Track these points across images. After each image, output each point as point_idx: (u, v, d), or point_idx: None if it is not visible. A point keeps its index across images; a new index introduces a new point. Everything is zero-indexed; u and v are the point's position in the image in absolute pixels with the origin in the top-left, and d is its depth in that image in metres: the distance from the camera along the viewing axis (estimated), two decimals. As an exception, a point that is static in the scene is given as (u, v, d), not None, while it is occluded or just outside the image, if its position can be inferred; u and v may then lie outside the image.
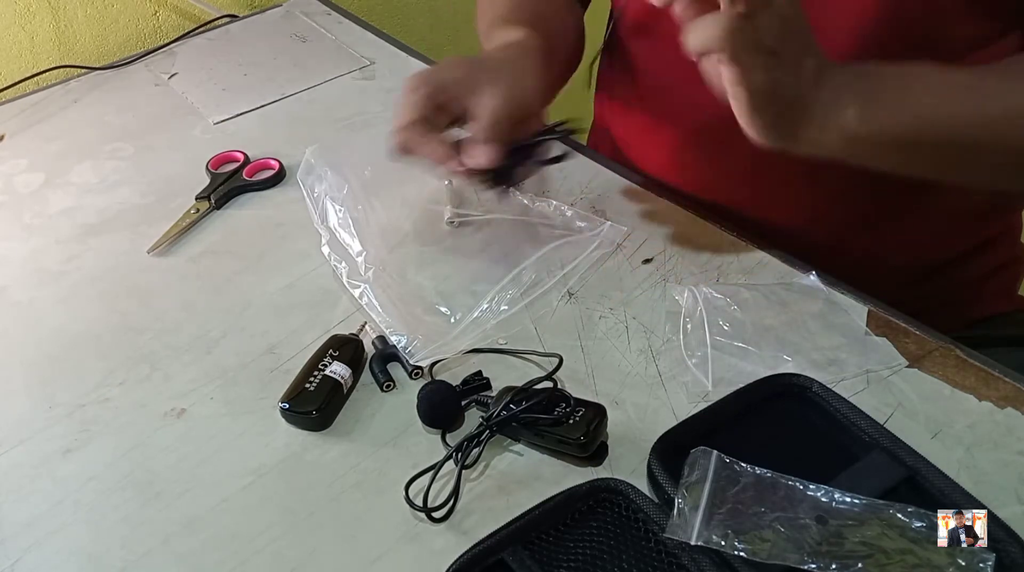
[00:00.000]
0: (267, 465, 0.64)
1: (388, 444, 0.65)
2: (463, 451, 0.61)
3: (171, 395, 0.70)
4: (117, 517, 0.62)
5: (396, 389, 0.68)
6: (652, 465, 0.59)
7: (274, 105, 1.03)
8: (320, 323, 0.74)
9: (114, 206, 0.90)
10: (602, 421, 0.62)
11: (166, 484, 0.64)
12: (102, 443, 0.67)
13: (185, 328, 0.76)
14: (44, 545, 0.60)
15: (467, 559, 0.55)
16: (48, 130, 1.02)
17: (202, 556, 0.59)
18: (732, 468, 0.58)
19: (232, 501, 0.62)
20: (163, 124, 1.02)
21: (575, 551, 0.56)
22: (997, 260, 0.89)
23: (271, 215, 0.87)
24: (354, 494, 0.62)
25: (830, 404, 0.63)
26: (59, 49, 1.16)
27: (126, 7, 1.19)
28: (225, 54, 1.14)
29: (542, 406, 0.62)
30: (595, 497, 0.58)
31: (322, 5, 1.23)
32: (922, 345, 0.68)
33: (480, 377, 0.67)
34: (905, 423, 0.63)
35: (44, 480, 0.65)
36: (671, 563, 0.55)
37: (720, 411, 0.63)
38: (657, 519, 0.56)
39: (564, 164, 0.78)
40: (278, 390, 0.68)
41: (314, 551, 0.59)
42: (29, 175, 0.95)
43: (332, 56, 1.11)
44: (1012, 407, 0.64)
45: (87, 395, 0.70)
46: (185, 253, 0.84)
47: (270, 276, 0.80)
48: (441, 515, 0.59)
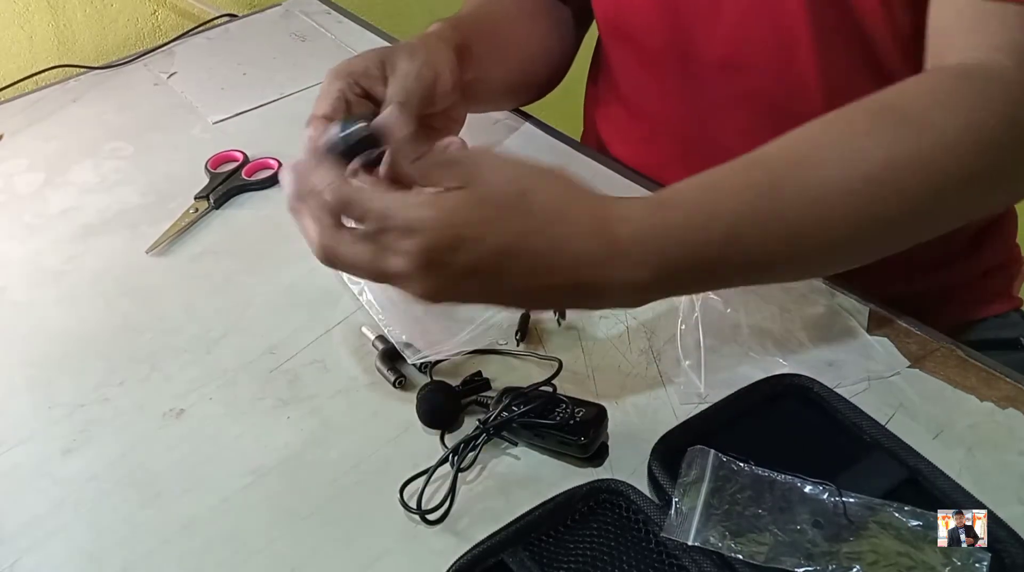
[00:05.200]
0: (267, 465, 0.64)
1: (388, 444, 0.65)
2: (459, 454, 0.61)
3: (171, 395, 0.70)
4: (117, 517, 0.62)
5: (408, 384, 0.68)
6: (653, 466, 0.59)
7: (273, 104, 1.03)
8: (320, 323, 0.74)
9: (113, 206, 0.90)
10: (602, 422, 0.62)
11: (166, 484, 0.64)
12: (102, 443, 0.67)
13: (184, 328, 0.75)
14: (44, 545, 0.60)
15: (467, 560, 0.55)
16: (47, 130, 1.02)
17: (202, 556, 0.59)
18: (730, 467, 0.58)
19: (232, 501, 0.62)
20: (162, 123, 1.01)
21: (575, 552, 0.56)
22: (995, 260, 0.89)
23: (270, 215, 0.87)
24: (354, 494, 0.62)
25: (831, 405, 0.63)
26: (58, 48, 1.15)
27: (125, 6, 1.18)
28: (224, 53, 1.14)
29: (540, 411, 0.62)
30: (595, 498, 0.58)
31: (322, 4, 1.23)
32: (923, 345, 0.68)
33: (480, 378, 0.67)
34: (906, 423, 0.63)
35: (44, 480, 0.65)
36: (672, 564, 0.55)
37: (721, 412, 0.63)
38: (658, 520, 0.56)
39: (564, 164, 0.78)
40: (278, 390, 0.68)
41: (314, 551, 0.59)
42: (28, 175, 0.95)
43: (332, 55, 1.11)
44: (1014, 407, 0.63)
45: (87, 395, 0.70)
46: (184, 253, 0.84)
47: (269, 276, 0.80)
48: (436, 517, 0.59)
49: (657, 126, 0.87)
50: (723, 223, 0.53)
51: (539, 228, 0.50)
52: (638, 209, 0.53)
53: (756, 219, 0.53)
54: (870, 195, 0.55)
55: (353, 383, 0.70)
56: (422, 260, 0.50)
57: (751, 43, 0.75)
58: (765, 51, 0.74)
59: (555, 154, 0.91)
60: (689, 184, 0.55)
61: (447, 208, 0.49)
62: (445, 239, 0.49)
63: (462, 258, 0.49)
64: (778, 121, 0.77)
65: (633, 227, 0.52)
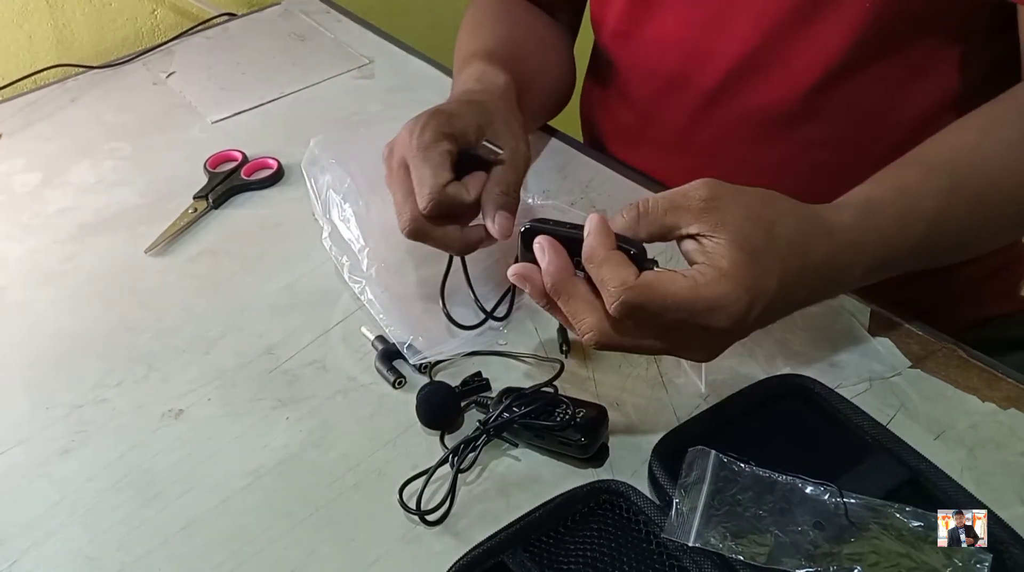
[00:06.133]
0: (266, 466, 0.64)
1: (387, 445, 0.65)
2: (459, 454, 0.61)
3: (169, 396, 0.70)
4: (115, 518, 0.62)
5: (407, 385, 0.68)
6: (653, 466, 0.59)
7: (272, 104, 1.03)
8: (319, 323, 0.74)
9: (112, 205, 0.89)
10: (603, 422, 0.62)
11: (164, 485, 0.63)
12: (100, 444, 0.66)
13: (183, 328, 0.75)
14: (42, 546, 0.60)
15: (467, 561, 0.55)
16: (46, 129, 1.01)
17: (201, 557, 0.59)
18: (730, 468, 0.57)
19: (231, 502, 0.62)
20: (161, 123, 1.01)
21: (576, 553, 0.56)
22: (998, 260, 0.88)
23: (269, 214, 0.87)
24: (353, 495, 0.62)
25: (832, 405, 0.62)
26: (57, 48, 1.15)
27: (124, 6, 1.18)
28: (223, 53, 1.14)
29: (540, 411, 0.61)
30: (596, 499, 0.58)
31: (321, 3, 1.23)
32: (925, 345, 0.68)
33: (480, 378, 0.67)
34: (907, 424, 0.63)
35: (42, 481, 0.64)
36: (672, 565, 0.54)
37: (722, 412, 0.63)
38: (658, 521, 0.56)
39: (564, 164, 0.78)
40: (277, 391, 0.68)
41: (313, 552, 0.59)
42: (27, 175, 0.94)
43: (331, 55, 1.11)
44: (1015, 408, 0.63)
45: (85, 395, 0.70)
46: (183, 253, 0.83)
47: (268, 276, 0.80)
48: (435, 518, 0.59)
49: (657, 127, 0.87)
50: (920, 224, 0.60)
51: (798, 254, 0.55)
52: (850, 216, 0.58)
53: (942, 219, 0.61)
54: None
55: (352, 383, 0.69)
56: (734, 328, 0.53)
57: (767, 46, 0.75)
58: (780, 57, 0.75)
59: (555, 154, 0.90)
60: (882, 189, 0.61)
61: (731, 276, 0.52)
62: (743, 304, 0.52)
63: (756, 312, 0.53)
64: (782, 126, 0.78)
65: (854, 234, 0.58)
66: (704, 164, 0.84)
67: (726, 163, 0.83)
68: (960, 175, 0.62)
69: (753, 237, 0.53)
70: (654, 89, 0.86)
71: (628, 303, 0.51)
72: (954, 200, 0.62)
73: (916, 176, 0.62)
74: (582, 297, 0.54)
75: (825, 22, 0.72)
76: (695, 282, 0.52)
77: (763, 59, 0.76)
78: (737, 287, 0.52)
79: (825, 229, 0.57)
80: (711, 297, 0.51)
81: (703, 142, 0.83)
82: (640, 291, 0.51)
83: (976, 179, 0.63)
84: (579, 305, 0.54)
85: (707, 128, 0.82)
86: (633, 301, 0.51)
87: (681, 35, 0.80)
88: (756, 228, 0.53)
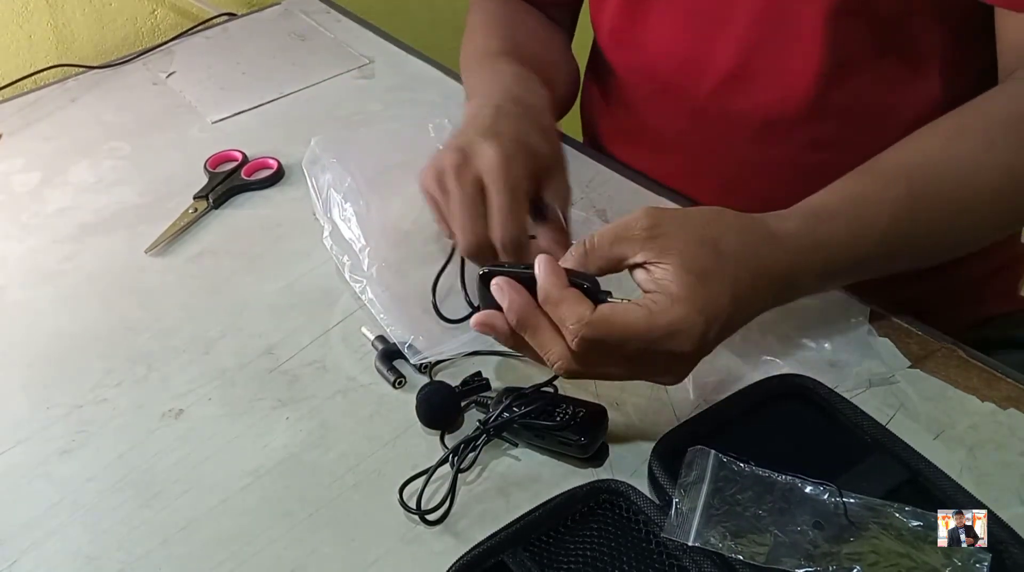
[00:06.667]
0: (265, 466, 0.64)
1: (387, 445, 0.65)
2: (459, 454, 0.61)
3: (169, 396, 0.70)
4: (115, 518, 0.62)
5: (407, 385, 0.68)
6: (653, 466, 0.59)
7: (272, 104, 1.03)
8: (319, 323, 0.74)
9: (112, 205, 0.89)
10: (603, 422, 0.62)
11: (164, 485, 0.63)
12: (100, 444, 0.66)
13: (183, 328, 0.75)
14: (42, 546, 0.60)
15: (467, 561, 0.55)
16: (45, 129, 1.01)
17: (201, 557, 0.59)
18: (730, 468, 0.57)
19: (231, 502, 0.62)
20: (161, 123, 1.01)
21: (575, 553, 0.56)
22: (998, 260, 0.89)
23: (269, 214, 0.87)
24: (353, 495, 0.62)
25: (832, 405, 0.62)
26: (57, 48, 1.15)
27: (124, 6, 1.18)
28: (223, 53, 1.14)
29: (540, 411, 0.61)
30: (596, 498, 0.58)
31: (321, 3, 1.23)
32: (924, 345, 0.68)
33: (480, 378, 0.67)
34: (907, 424, 0.63)
35: (41, 481, 0.64)
36: (672, 565, 0.55)
37: (721, 412, 0.63)
38: (658, 520, 0.56)
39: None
40: (276, 391, 0.68)
41: (313, 552, 0.59)
42: (26, 174, 0.94)
43: (331, 55, 1.11)
44: (1015, 408, 0.63)
45: (84, 395, 0.70)
46: (183, 253, 0.83)
47: (268, 276, 0.80)
48: (435, 518, 0.59)
49: (656, 128, 0.87)
50: (874, 232, 0.61)
51: (747, 266, 0.55)
52: (794, 225, 0.59)
53: (899, 228, 0.62)
54: (994, 204, 0.64)
55: (352, 383, 0.69)
56: (695, 349, 0.54)
57: (758, 56, 0.75)
58: (772, 65, 0.75)
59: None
60: (837, 198, 0.61)
61: (684, 299, 0.53)
62: (700, 326, 0.53)
63: (714, 330, 0.54)
64: (781, 128, 0.78)
65: (803, 241, 0.59)
66: (703, 165, 0.84)
67: (725, 164, 0.83)
68: (918, 185, 0.62)
69: (700, 258, 0.54)
70: (651, 91, 0.86)
71: (587, 338, 0.53)
72: (912, 209, 0.62)
73: (873, 185, 0.62)
74: (546, 328, 0.55)
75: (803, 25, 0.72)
76: (649, 311, 0.53)
77: (758, 65, 0.76)
78: (691, 310, 0.52)
79: (769, 235, 0.57)
80: (667, 324, 0.52)
81: (702, 143, 0.84)
82: (596, 326, 0.53)
83: (935, 188, 0.63)
84: (545, 335, 0.55)
85: (705, 130, 0.83)
86: (592, 336, 0.53)
87: (676, 39, 0.80)
88: (701, 248, 0.54)
